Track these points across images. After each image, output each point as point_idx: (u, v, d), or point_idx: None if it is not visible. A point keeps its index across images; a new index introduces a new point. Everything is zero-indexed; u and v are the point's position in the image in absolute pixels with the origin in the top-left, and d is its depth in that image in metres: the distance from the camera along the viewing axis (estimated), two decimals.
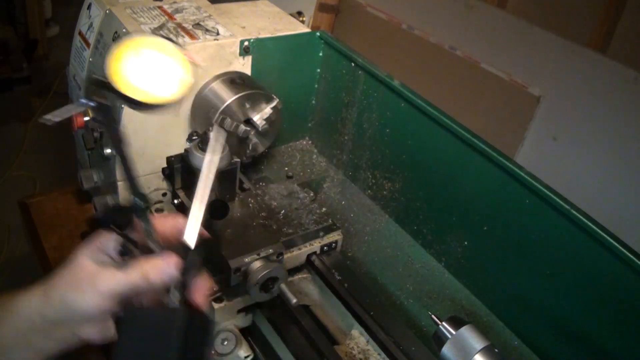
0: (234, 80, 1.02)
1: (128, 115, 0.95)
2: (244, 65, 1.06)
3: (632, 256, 0.72)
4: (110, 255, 0.60)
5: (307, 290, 0.96)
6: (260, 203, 0.95)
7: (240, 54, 1.05)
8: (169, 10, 1.08)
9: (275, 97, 1.02)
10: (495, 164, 0.87)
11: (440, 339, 0.67)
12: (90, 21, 1.09)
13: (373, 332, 0.84)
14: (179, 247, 0.59)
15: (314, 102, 1.25)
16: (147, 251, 0.60)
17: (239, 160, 0.86)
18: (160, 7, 1.09)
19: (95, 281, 0.55)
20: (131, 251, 0.60)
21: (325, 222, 0.94)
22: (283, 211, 0.94)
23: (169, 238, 0.62)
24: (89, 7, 1.11)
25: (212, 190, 0.76)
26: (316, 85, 1.22)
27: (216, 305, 0.82)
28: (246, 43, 1.04)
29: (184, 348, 0.53)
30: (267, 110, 1.02)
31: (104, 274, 0.56)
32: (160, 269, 0.57)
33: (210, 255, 0.63)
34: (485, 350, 0.65)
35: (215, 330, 0.83)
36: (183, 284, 0.57)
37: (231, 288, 0.81)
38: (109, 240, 0.60)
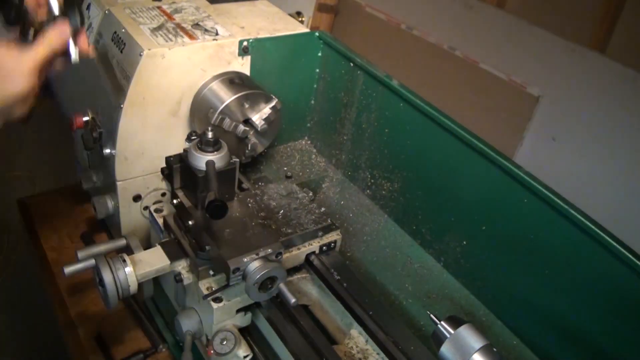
0: (232, 80, 1.02)
1: (127, 115, 0.95)
2: (243, 66, 1.07)
3: (630, 256, 0.72)
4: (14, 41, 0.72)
5: (306, 290, 0.96)
6: (259, 203, 0.95)
7: (239, 54, 1.05)
8: (168, 11, 1.08)
9: (274, 97, 1.02)
10: (494, 164, 0.87)
11: (439, 338, 0.68)
12: (90, 21, 1.09)
13: (372, 332, 0.84)
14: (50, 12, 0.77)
15: (313, 102, 1.25)
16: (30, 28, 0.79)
17: (238, 160, 0.85)
18: (159, 8, 1.09)
19: (19, 65, 0.68)
20: (27, 34, 0.79)
21: (324, 222, 0.94)
22: (282, 211, 0.94)
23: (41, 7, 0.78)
24: (88, 8, 1.11)
25: (212, 190, 0.76)
26: (315, 86, 1.22)
27: (215, 305, 0.82)
28: (245, 43, 1.04)
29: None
30: (266, 110, 1.02)
31: (23, 57, 0.69)
32: (57, 34, 0.72)
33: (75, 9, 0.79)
34: (483, 350, 0.65)
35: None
36: (75, 36, 0.77)
37: (230, 288, 0.82)
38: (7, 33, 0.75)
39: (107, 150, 0.99)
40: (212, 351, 0.84)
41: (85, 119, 1.08)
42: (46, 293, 1.11)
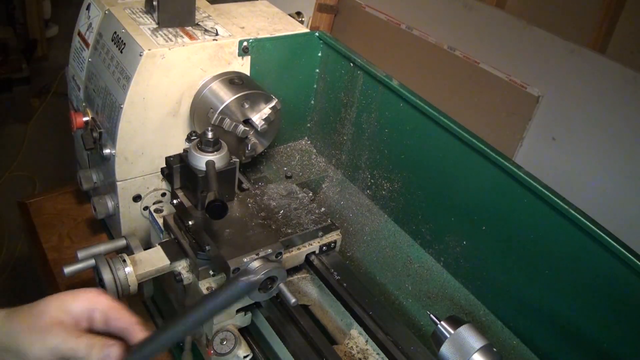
0: (232, 80, 1.02)
1: (127, 115, 0.95)
2: (243, 66, 1.07)
3: (630, 255, 0.72)
4: (75, 316, 0.61)
5: (306, 290, 0.96)
6: (259, 203, 0.95)
7: (239, 54, 1.05)
8: None
9: (274, 97, 1.02)
10: (494, 164, 0.87)
11: (438, 338, 0.68)
12: (90, 21, 1.09)
13: (372, 332, 0.84)
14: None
15: (312, 102, 1.25)
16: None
17: (238, 160, 0.85)
18: None
19: (47, 335, 0.58)
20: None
21: (324, 222, 0.94)
22: (282, 211, 0.94)
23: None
24: (88, 8, 1.11)
25: (212, 190, 0.76)
26: (315, 86, 1.22)
27: None
28: (245, 43, 1.04)
29: None
30: (266, 110, 1.02)
31: (57, 331, 0.58)
32: (104, 351, 0.58)
33: None
34: (483, 350, 0.65)
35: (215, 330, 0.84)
36: None
37: None
38: (87, 303, 0.62)
39: (107, 150, 0.99)
40: (212, 351, 0.84)
41: (85, 119, 1.08)
42: (46, 293, 1.11)
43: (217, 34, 1.03)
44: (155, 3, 1.00)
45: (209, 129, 0.80)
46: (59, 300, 0.61)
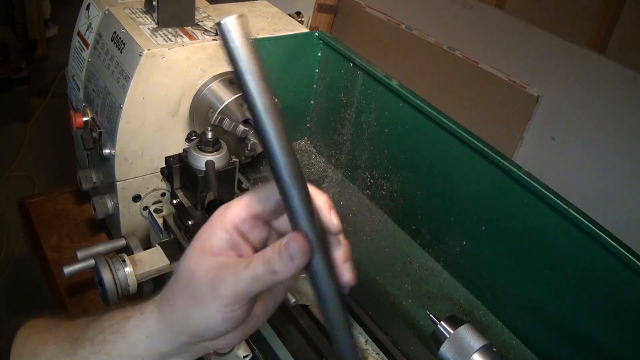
0: (232, 80, 1.02)
1: (127, 115, 0.95)
2: None
3: (630, 256, 0.72)
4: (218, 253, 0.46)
5: (306, 290, 0.96)
6: None
7: None
8: None
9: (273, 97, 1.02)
10: (493, 164, 0.87)
11: (438, 338, 0.68)
12: (89, 21, 1.09)
13: (372, 332, 0.84)
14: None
15: (312, 102, 1.25)
16: None
17: (237, 160, 0.86)
18: None
19: (215, 287, 0.44)
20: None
21: None
22: None
23: None
24: (87, 8, 1.11)
25: (211, 190, 0.77)
26: (315, 86, 1.22)
27: None
28: None
29: None
30: None
31: (223, 275, 0.45)
32: (284, 251, 0.44)
33: None
34: (483, 350, 0.65)
35: None
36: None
37: None
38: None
39: (107, 150, 0.99)
40: (211, 351, 0.84)
41: (85, 119, 1.08)
42: (46, 293, 1.11)
43: (216, 34, 1.03)
44: (155, 3, 1.00)
45: (209, 129, 0.81)
46: (199, 252, 0.46)
